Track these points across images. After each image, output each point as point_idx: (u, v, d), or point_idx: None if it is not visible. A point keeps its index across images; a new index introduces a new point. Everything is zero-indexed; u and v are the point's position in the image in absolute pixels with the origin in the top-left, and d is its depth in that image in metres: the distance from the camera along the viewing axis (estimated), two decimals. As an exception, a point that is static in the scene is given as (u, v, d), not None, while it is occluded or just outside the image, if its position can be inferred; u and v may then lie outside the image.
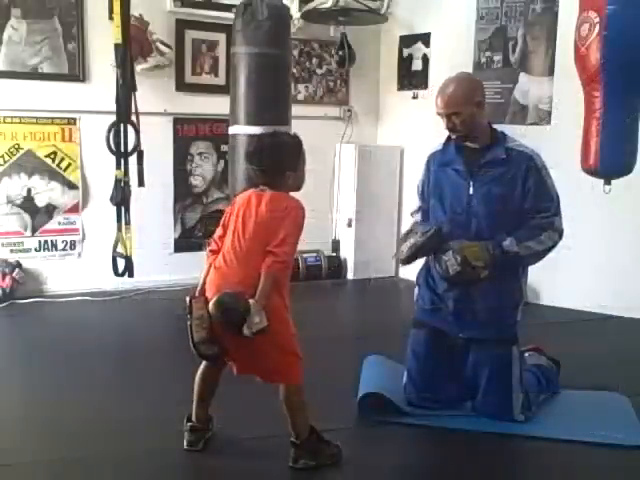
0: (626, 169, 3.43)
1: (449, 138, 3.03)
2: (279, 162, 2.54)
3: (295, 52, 5.44)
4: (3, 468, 2.53)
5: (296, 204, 2.53)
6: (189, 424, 2.68)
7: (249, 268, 2.44)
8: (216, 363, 2.61)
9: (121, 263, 4.45)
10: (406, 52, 5.69)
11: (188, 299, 2.51)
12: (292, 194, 2.60)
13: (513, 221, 2.92)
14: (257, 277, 2.42)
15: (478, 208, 2.91)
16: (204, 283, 2.56)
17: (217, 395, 2.71)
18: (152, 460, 2.63)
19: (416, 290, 3.14)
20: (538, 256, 2.93)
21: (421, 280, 3.10)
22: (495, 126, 3.05)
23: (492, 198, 2.90)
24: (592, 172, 3.46)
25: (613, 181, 3.46)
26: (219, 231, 2.62)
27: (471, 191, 2.92)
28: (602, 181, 3.48)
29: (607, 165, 3.38)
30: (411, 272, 3.33)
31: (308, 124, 5.32)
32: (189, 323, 2.49)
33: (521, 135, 3.40)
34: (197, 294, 2.55)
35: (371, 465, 2.64)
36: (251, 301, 2.36)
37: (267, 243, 2.45)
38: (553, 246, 2.93)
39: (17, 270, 4.67)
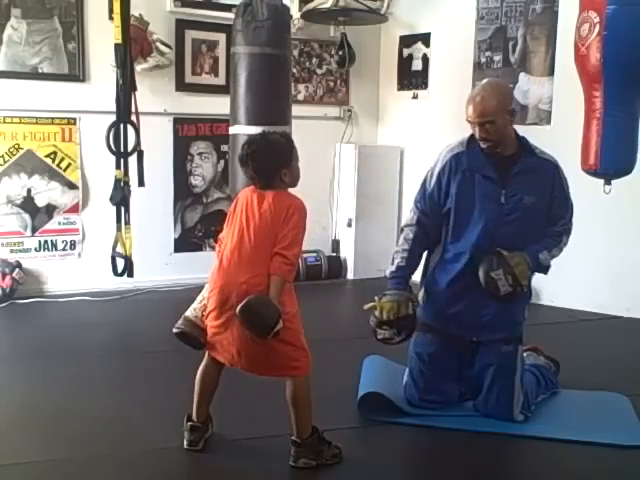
0: (626, 169, 3.43)
1: (470, 140, 2.96)
2: (272, 163, 2.53)
3: (295, 52, 5.44)
4: (3, 468, 2.53)
5: (299, 204, 2.53)
6: (189, 423, 2.68)
7: (254, 268, 2.45)
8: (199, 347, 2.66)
9: (121, 263, 4.46)
10: (406, 52, 5.68)
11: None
12: (293, 192, 2.61)
13: (538, 229, 2.95)
14: (262, 276, 2.43)
15: (510, 217, 2.88)
16: None
17: (217, 395, 2.71)
18: (152, 460, 2.63)
19: (421, 294, 3.09)
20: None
21: (429, 288, 3.06)
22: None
23: (524, 207, 2.89)
24: (592, 172, 3.46)
25: (613, 181, 3.46)
26: (224, 230, 2.63)
27: (503, 200, 2.89)
28: (602, 181, 3.48)
29: (607, 165, 3.38)
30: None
31: (308, 124, 5.34)
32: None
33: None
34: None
35: (371, 465, 2.64)
36: None
37: (272, 243, 2.46)
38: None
39: (17, 270, 4.67)
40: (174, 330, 2.63)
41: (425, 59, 5.56)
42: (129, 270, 4.47)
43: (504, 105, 2.87)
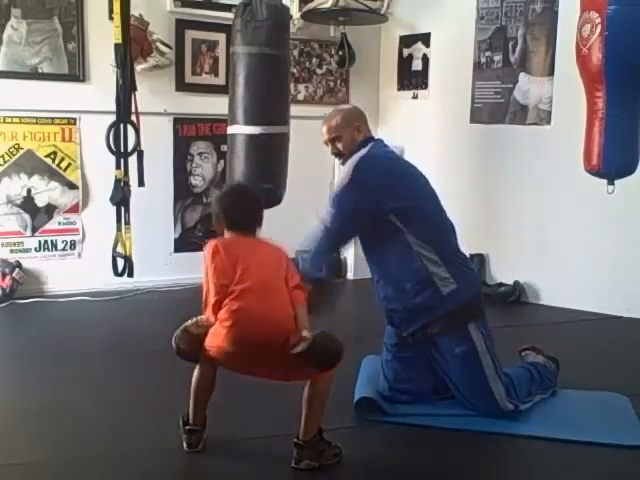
0: (629, 169, 3.43)
1: None
2: (259, 212, 2.75)
3: (295, 52, 5.44)
4: (2, 468, 2.53)
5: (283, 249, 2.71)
6: (187, 427, 2.67)
7: (275, 304, 2.54)
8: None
9: (121, 263, 4.45)
10: (406, 52, 5.68)
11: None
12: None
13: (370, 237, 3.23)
14: (283, 310, 2.53)
15: None
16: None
17: (217, 395, 2.70)
18: (152, 460, 2.63)
19: None
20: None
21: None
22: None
23: None
24: (595, 173, 3.46)
25: (616, 181, 3.46)
26: (213, 284, 2.57)
27: None
28: (602, 181, 3.48)
29: (610, 165, 3.38)
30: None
31: (308, 124, 5.30)
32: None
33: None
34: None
35: (371, 465, 2.65)
36: (305, 332, 2.49)
37: (281, 281, 2.58)
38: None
39: (17, 270, 4.67)
40: (172, 345, 2.64)
41: (425, 59, 5.56)
42: (129, 270, 4.47)
43: (349, 121, 3.08)
